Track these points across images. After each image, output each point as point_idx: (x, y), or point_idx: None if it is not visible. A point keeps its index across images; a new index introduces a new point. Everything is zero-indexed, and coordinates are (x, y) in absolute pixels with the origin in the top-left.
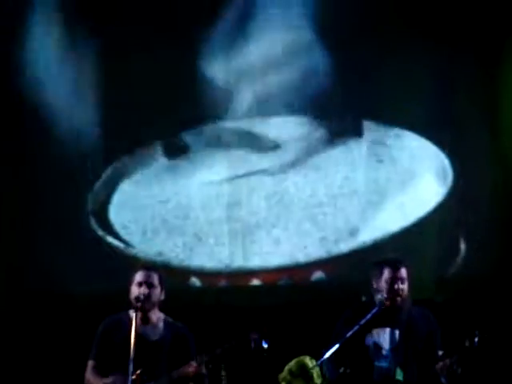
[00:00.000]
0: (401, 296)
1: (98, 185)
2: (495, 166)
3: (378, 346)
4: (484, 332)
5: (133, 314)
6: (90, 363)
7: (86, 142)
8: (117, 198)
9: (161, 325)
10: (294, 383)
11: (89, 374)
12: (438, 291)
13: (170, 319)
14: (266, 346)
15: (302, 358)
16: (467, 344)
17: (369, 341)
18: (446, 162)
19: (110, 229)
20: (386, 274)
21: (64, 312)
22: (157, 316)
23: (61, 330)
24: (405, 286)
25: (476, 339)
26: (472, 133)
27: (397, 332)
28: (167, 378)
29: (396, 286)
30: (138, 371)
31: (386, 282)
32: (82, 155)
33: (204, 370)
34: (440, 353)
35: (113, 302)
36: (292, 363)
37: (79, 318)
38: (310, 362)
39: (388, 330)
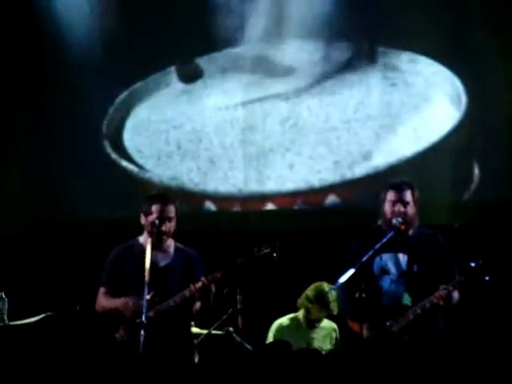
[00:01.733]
0: (405, 220)
1: (112, 109)
2: (509, 90)
3: (385, 271)
4: (488, 259)
5: (143, 239)
6: (102, 289)
7: (101, 67)
8: (131, 123)
9: (171, 250)
10: (311, 309)
11: (101, 299)
12: (453, 216)
13: (180, 245)
14: (276, 258)
15: (319, 283)
16: (471, 268)
17: (376, 266)
18: (461, 87)
19: (124, 153)
20: (389, 196)
21: (79, 238)
22: (167, 242)
23: (77, 256)
24: (408, 209)
25: (478, 264)
26: (487, 59)
27: (405, 256)
28: (179, 297)
29: (397, 208)
30: (151, 293)
31: (389, 204)
32: (97, 81)
33: (213, 288)
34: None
35: (128, 227)
36: (309, 289)
37: (94, 244)
38: (327, 287)
39: (396, 254)
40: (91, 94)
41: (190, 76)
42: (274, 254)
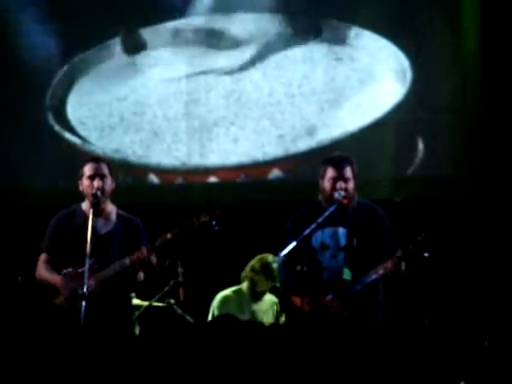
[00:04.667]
0: (345, 196)
1: (55, 81)
2: (455, 65)
3: (325, 246)
4: (429, 235)
5: (85, 206)
6: (43, 256)
7: (45, 38)
8: (74, 95)
9: (113, 217)
10: (256, 280)
11: (41, 268)
12: (396, 191)
13: (123, 212)
14: (216, 227)
15: (264, 255)
16: (411, 245)
17: (316, 241)
18: (406, 61)
19: (67, 125)
20: (329, 173)
21: (21, 208)
22: (109, 208)
23: (17, 226)
24: (349, 185)
25: (418, 240)
26: (433, 33)
27: (344, 230)
28: (119, 264)
29: (338, 185)
30: (91, 260)
31: (329, 181)
32: (40, 52)
33: (154, 257)
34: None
35: (70, 199)
36: (254, 260)
37: (36, 215)
38: (271, 258)
39: (335, 228)
40: (34, 65)
41: (134, 47)
42: (214, 223)
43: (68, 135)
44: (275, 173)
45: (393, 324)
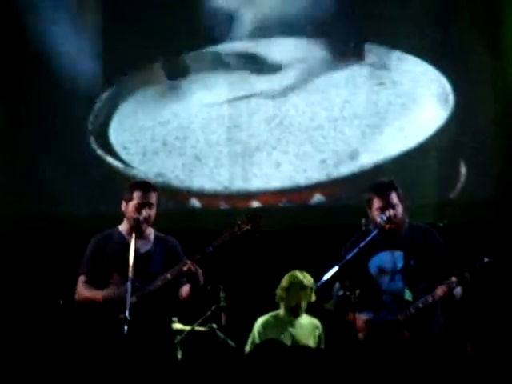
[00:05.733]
0: (395, 222)
1: (98, 105)
2: (497, 89)
3: (382, 270)
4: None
5: (123, 227)
6: (82, 278)
7: (88, 63)
8: (117, 119)
9: (151, 238)
10: (288, 296)
11: (81, 289)
12: (439, 216)
13: (160, 234)
14: (257, 234)
15: (290, 272)
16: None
17: (373, 266)
18: (448, 86)
19: (109, 149)
20: (376, 203)
21: (64, 234)
22: (148, 230)
23: (61, 252)
24: (397, 211)
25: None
26: (475, 58)
27: (400, 253)
28: (162, 279)
29: (388, 214)
30: (133, 279)
31: (377, 211)
32: (83, 77)
33: (199, 270)
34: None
35: (111, 223)
36: (283, 279)
37: (77, 240)
38: (299, 273)
39: (391, 252)
40: (77, 90)
41: (176, 72)
42: (255, 231)
43: (110, 159)
44: (317, 197)
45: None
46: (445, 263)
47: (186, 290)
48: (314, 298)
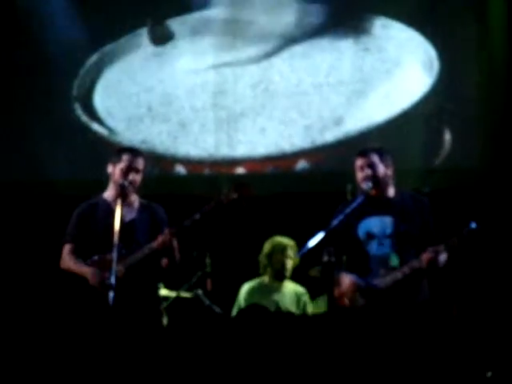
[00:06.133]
0: (374, 182)
1: (82, 72)
2: (482, 58)
3: (370, 235)
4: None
5: (108, 194)
6: (67, 246)
7: (73, 29)
8: (101, 85)
9: (136, 205)
10: (272, 261)
11: (67, 258)
12: (424, 182)
13: (145, 200)
14: (245, 203)
15: (271, 238)
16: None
17: (362, 231)
18: (433, 52)
19: (94, 115)
20: (357, 162)
21: (48, 200)
22: (132, 197)
23: (45, 217)
24: (377, 171)
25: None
26: (460, 24)
27: (390, 218)
28: (148, 248)
29: (365, 173)
30: (119, 246)
31: (358, 170)
32: (68, 43)
33: (175, 243)
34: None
35: (97, 189)
36: (264, 246)
37: (62, 206)
38: (278, 236)
39: (380, 217)
40: (62, 55)
41: (161, 38)
42: (242, 201)
43: (96, 126)
44: (302, 164)
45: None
46: (433, 230)
47: (164, 261)
48: (297, 259)
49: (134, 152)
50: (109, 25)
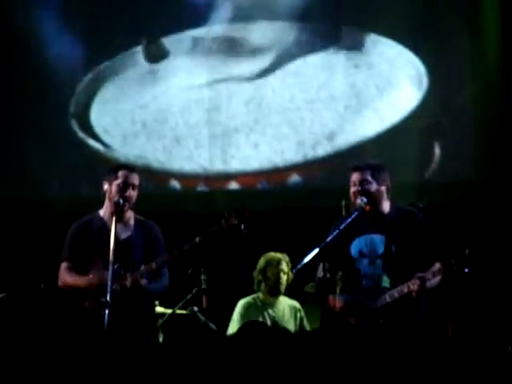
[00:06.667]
0: (368, 202)
1: (79, 89)
2: (476, 69)
3: (362, 254)
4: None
5: (104, 212)
6: (64, 265)
7: (68, 48)
8: (98, 102)
9: (131, 222)
10: (266, 277)
11: (64, 275)
12: (419, 196)
13: (140, 217)
14: (245, 231)
15: (265, 254)
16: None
17: (354, 249)
18: (422, 68)
19: (90, 131)
20: (352, 178)
21: (44, 216)
22: (128, 214)
23: (41, 234)
24: (369, 187)
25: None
26: (450, 38)
27: (382, 237)
28: (147, 268)
29: (357, 189)
30: (116, 266)
31: (352, 185)
32: (64, 60)
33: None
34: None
35: (92, 206)
36: (258, 262)
37: (59, 222)
38: (272, 252)
39: (372, 236)
40: (59, 74)
41: (156, 56)
42: (242, 226)
43: (91, 142)
44: (294, 178)
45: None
46: (427, 247)
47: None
48: (291, 273)
49: (129, 168)
50: (105, 43)
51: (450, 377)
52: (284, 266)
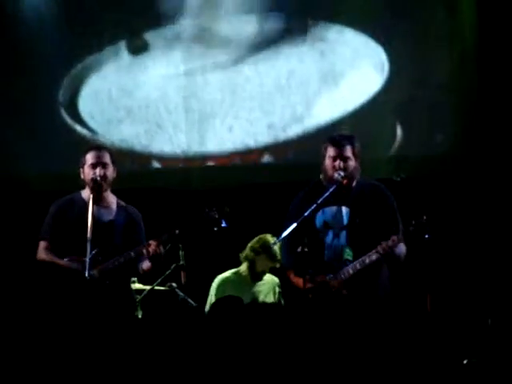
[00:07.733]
0: (345, 176)
1: (67, 79)
2: (451, 43)
3: (328, 225)
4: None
5: (85, 194)
6: (42, 244)
7: (56, 42)
8: (85, 92)
9: (113, 207)
10: (257, 260)
11: (42, 254)
12: (395, 170)
13: (122, 202)
14: (224, 225)
15: (263, 235)
16: (411, 227)
17: (319, 220)
18: (384, 55)
19: (78, 118)
20: (330, 152)
21: (28, 195)
22: (110, 198)
23: (25, 213)
24: (349, 164)
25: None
26: (428, 12)
27: (347, 209)
28: (124, 257)
29: (337, 164)
30: (94, 251)
31: (330, 159)
32: (51, 52)
33: (162, 250)
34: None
35: (75, 184)
36: (254, 241)
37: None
38: (271, 238)
39: (338, 208)
40: (47, 62)
41: (138, 49)
42: (223, 221)
43: (78, 127)
44: (266, 158)
45: (395, 304)
46: (390, 223)
47: (147, 264)
48: (279, 264)
49: (97, 148)
50: (92, 37)
51: (423, 351)
52: (276, 262)
